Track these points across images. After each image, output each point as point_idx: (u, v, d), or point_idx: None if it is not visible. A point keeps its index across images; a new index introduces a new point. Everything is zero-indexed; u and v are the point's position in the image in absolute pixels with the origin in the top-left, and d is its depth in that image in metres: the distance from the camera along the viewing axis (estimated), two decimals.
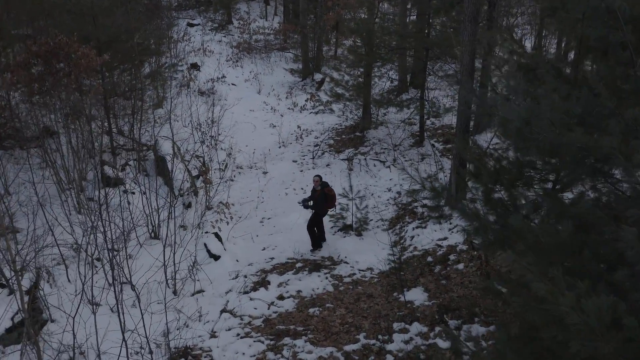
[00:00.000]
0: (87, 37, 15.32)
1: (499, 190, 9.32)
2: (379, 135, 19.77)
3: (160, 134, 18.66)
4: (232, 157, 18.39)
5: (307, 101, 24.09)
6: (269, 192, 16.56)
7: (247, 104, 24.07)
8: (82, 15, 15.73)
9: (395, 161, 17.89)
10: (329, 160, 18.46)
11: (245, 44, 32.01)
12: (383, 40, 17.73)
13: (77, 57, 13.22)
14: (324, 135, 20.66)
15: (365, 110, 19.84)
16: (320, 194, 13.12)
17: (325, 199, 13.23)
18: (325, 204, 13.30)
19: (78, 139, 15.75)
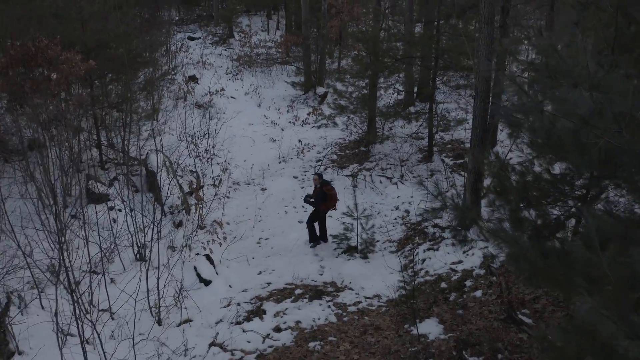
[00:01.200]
0: (74, 42, 14.27)
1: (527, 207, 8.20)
2: (385, 150, 18.62)
3: (153, 147, 17.55)
4: (228, 173, 17.25)
5: (309, 115, 22.99)
6: (267, 210, 15.38)
7: (246, 117, 22.99)
8: (70, 20, 14.70)
9: (403, 177, 16.73)
10: (332, 176, 17.30)
11: (246, 57, 31.04)
12: (390, 48, 16.65)
13: (60, 61, 12.12)
14: (327, 150, 19.53)
15: (371, 123, 18.71)
16: (319, 191, 13.02)
17: (323, 198, 13.03)
18: (323, 202, 13.08)
19: (62, 151, 14.65)
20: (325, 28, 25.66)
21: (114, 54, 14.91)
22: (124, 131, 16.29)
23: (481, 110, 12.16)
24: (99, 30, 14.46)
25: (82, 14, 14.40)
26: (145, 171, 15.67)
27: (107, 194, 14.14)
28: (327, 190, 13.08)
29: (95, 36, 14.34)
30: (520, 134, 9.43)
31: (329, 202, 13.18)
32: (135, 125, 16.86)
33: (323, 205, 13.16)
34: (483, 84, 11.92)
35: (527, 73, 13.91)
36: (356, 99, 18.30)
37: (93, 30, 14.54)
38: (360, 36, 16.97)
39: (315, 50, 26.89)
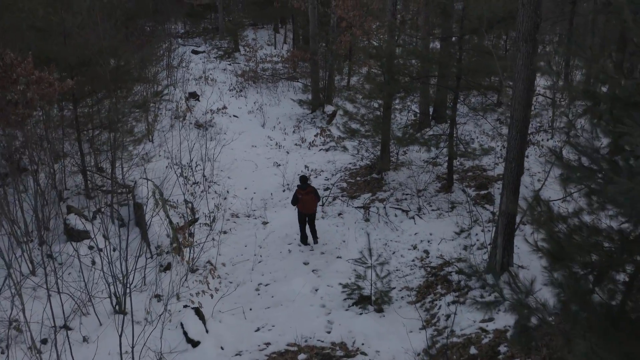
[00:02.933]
0: (55, 58, 12.71)
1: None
2: (400, 178, 16.93)
3: (144, 174, 15.93)
4: (226, 205, 15.58)
5: (317, 136, 21.34)
6: (269, 248, 13.69)
7: (249, 138, 21.36)
8: (51, 33, 13.14)
9: (421, 210, 15.02)
10: (342, 208, 15.60)
11: (251, 72, 29.49)
12: (406, 66, 14.99)
13: (31, 80, 10.53)
14: (336, 176, 17.84)
15: (384, 148, 17.02)
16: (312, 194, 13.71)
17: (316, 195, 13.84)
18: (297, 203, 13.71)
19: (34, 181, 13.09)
20: (335, 43, 24.05)
21: (99, 71, 13.30)
22: (111, 155, 14.69)
23: (517, 141, 10.48)
24: (82, 45, 12.85)
25: (65, 26, 12.82)
26: (133, 202, 14.02)
27: (87, 231, 12.48)
28: (298, 193, 13.57)
29: (78, 51, 12.74)
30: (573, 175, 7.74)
31: (300, 204, 13.64)
32: (123, 149, 15.25)
33: (297, 206, 13.72)
34: (520, 112, 10.25)
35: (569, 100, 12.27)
36: (368, 121, 16.63)
37: (76, 45, 12.95)
38: (374, 52, 15.30)
39: (324, 66, 25.27)
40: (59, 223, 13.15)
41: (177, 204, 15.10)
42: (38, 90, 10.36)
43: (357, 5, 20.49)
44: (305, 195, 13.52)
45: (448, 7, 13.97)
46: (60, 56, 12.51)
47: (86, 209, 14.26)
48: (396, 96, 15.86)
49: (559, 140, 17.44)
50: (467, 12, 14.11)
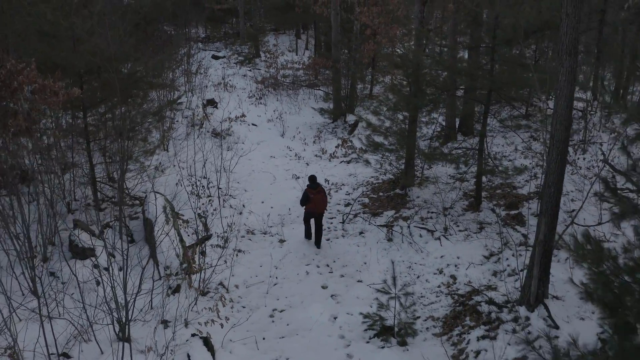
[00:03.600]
0: (63, 65, 12.06)
1: None
2: (425, 195, 16.04)
3: (156, 186, 15.23)
4: (241, 220, 14.80)
5: (338, 148, 20.51)
6: (285, 269, 12.87)
7: (267, 148, 20.61)
8: (59, 38, 12.49)
9: (447, 231, 14.13)
10: (363, 226, 14.75)
11: (271, 79, 28.78)
12: (433, 77, 14.12)
13: (34, 90, 9.85)
14: (357, 191, 17.00)
15: (409, 163, 16.15)
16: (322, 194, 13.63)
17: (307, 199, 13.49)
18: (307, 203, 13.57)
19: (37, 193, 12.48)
20: (358, 51, 23.24)
21: (110, 79, 12.62)
22: (121, 167, 14.01)
23: (557, 164, 9.58)
24: (92, 51, 12.18)
25: (75, 31, 12.16)
26: (143, 217, 13.31)
27: (92, 249, 11.78)
28: (309, 193, 13.41)
29: (87, 58, 12.07)
30: None
31: (311, 204, 13.49)
32: (135, 160, 14.58)
33: (307, 206, 13.58)
34: (562, 132, 9.36)
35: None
36: (393, 134, 15.77)
37: (86, 51, 12.28)
38: (399, 62, 14.43)
39: (346, 74, 24.45)
40: (65, 237, 12.50)
41: (189, 219, 14.37)
42: (41, 100, 9.66)
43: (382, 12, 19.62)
44: (317, 194, 13.43)
45: (479, 16, 13.09)
46: (68, 63, 11.85)
47: (94, 223, 13.62)
48: (423, 110, 14.95)
49: (596, 160, 16.44)
50: (500, 20, 13.23)
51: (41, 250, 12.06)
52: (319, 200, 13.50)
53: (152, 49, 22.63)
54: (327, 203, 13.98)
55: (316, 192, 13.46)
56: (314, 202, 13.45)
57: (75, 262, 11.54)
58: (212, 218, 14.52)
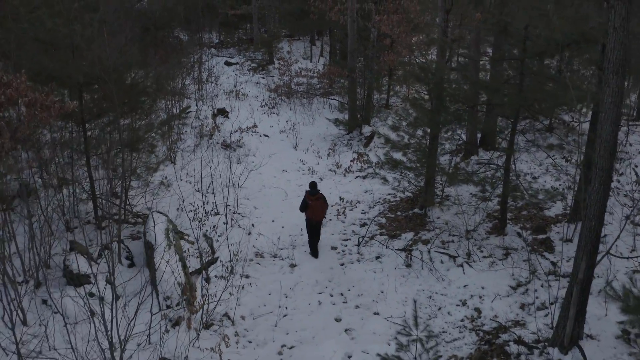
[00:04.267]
0: (59, 76, 11.25)
1: None
2: (445, 215, 15.05)
3: (159, 205, 14.40)
4: (249, 241, 13.87)
5: (354, 162, 19.56)
6: (296, 298, 11.91)
7: (279, 161, 19.70)
8: (57, 47, 11.67)
9: (470, 257, 13.14)
10: (380, 250, 13.78)
11: (284, 87, 27.88)
12: (457, 92, 13.14)
13: (25, 103, 9.01)
14: (374, 210, 16.03)
15: (429, 182, 15.16)
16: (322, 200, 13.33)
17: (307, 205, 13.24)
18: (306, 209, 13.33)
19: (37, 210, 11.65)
20: (376, 61, 22.28)
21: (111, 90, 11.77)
22: (122, 184, 13.17)
23: (600, 195, 8.58)
24: (92, 61, 11.33)
25: (74, 39, 11.32)
26: (144, 240, 12.43)
27: (88, 275, 10.90)
28: (308, 199, 13.19)
29: (85, 68, 11.23)
30: None
31: (309, 211, 13.22)
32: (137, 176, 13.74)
33: (306, 212, 13.33)
34: (606, 160, 8.36)
35: None
36: (413, 151, 14.80)
37: (85, 61, 11.45)
38: (421, 74, 13.45)
39: (362, 83, 23.48)
40: (61, 260, 11.66)
41: (194, 239, 13.49)
42: (29, 116, 8.81)
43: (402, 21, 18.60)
44: (315, 201, 13.17)
45: (509, 26, 12.10)
46: (65, 74, 11.00)
47: (94, 243, 12.78)
48: (447, 127, 13.96)
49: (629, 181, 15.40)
50: (529, 31, 12.22)
51: (34, 274, 11.22)
52: (316, 208, 13.20)
53: (161, 56, 21.78)
54: (325, 211, 13.57)
55: (315, 199, 13.16)
56: (311, 208, 13.17)
57: (69, 290, 10.69)
58: (219, 239, 13.59)
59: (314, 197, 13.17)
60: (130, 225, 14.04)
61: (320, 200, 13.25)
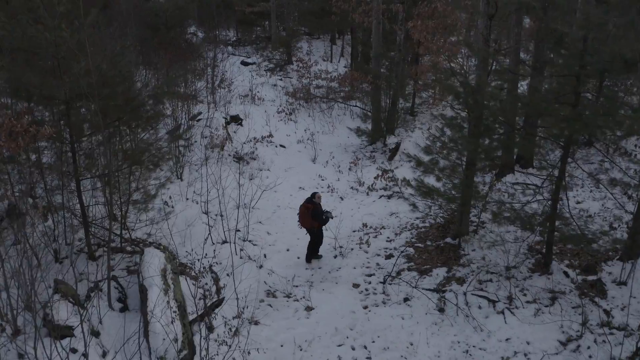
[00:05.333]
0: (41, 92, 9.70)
1: None
2: (481, 246, 13.32)
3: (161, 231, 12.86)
4: (261, 276, 12.26)
5: (378, 179, 17.86)
6: (312, 351, 10.24)
7: (296, 176, 18.09)
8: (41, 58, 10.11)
9: (512, 301, 11.41)
10: (408, 289, 12.09)
11: (303, 90, 26.20)
12: (500, 113, 11.37)
13: None
14: (400, 238, 14.35)
15: (463, 210, 13.42)
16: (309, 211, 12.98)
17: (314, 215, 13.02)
18: None
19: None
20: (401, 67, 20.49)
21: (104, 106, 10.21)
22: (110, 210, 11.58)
23: None
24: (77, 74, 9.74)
25: (58, 50, 9.73)
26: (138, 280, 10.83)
27: (71, 327, 9.35)
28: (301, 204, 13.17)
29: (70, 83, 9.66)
30: None
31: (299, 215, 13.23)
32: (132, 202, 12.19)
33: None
34: None
35: None
36: (447, 175, 13.08)
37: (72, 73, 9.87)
38: (461, 91, 11.69)
39: (387, 90, 21.70)
40: (45, 301, 10.13)
41: (198, 273, 11.92)
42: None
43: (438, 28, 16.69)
44: (302, 206, 13.04)
45: (568, 38, 10.32)
46: (48, 88, 9.45)
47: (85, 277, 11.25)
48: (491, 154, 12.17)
49: None
50: (590, 45, 10.43)
51: (12, 319, 9.71)
52: (300, 214, 13.12)
53: (170, 58, 20.21)
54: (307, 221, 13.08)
55: (304, 205, 13.04)
56: (299, 213, 13.17)
57: (50, 342, 9.15)
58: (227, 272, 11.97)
59: (305, 204, 13.00)
60: (127, 255, 12.50)
61: (304, 208, 13.01)
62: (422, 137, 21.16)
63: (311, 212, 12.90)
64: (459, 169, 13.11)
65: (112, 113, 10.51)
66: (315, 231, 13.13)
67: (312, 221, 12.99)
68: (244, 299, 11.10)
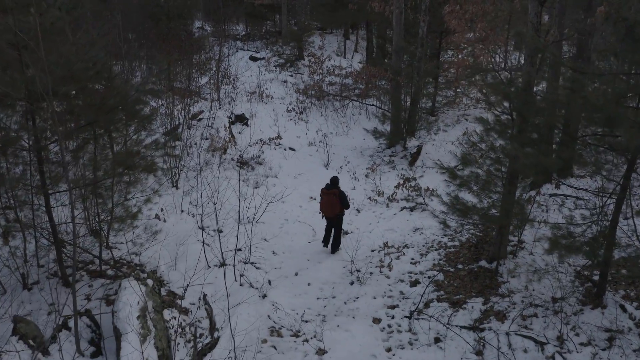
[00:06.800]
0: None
1: None
2: (521, 270, 11.33)
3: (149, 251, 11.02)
4: (264, 309, 10.33)
5: (398, 188, 15.88)
6: None
7: (307, 184, 16.16)
8: None
9: (563, 343, 9.44)
10: (438, 327, 10.12)
11: (315, 87, 24.24)
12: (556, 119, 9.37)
13: None
14: (427, 259, 12.37)
15: (503, 230, 11.43)
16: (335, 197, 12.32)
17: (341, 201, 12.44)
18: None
19: None
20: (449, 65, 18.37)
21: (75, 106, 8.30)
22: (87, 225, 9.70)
23: None
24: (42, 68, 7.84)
25: (18, 37, 7.86)
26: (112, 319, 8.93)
27: None
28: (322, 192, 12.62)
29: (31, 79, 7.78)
30: None
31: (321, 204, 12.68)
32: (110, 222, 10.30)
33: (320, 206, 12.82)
34: None
35: None
36: (481, 188, 11.08)
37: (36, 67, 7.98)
38: (506, 89, 9.68)
39: (408, 88, 19.65)
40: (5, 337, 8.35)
41: (189, 306, 10.04)
42: None
43: (479, 13, 14.45)
44: (326, 195, 12.39)
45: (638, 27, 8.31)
46: (4, 84, 7.57)
47: (55, 310, 9.42)
48: None
49: None
50: None
51: None
52: (327, 203, 12.43)
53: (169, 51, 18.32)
54: (337, 208, 12.44)
55: (327, 193, 12.39)
56: (322, 203, 12.55)
57: None
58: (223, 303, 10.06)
59: (327, 191, 12.38)
60: (108, 280, 10.63)
61: (331, 196, 12.32)
62: (445, 141, 19.23)
63: (340, 198, 12.33)
64: (499, 182, 11.12)
65: (84, 114, 8.58)
66: (340, 217, 12.58)
67: (340, 208, 12.45)
68: (243, 338, 9.18)
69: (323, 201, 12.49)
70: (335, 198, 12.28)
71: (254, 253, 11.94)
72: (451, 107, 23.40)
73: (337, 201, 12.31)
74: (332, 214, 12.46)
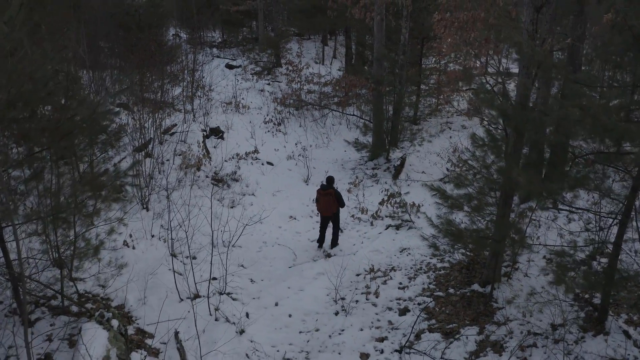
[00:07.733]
0: None
1: None
2: (516, 293, 10.60)
3: (117, 282, 10.12)
4: (242, 346, 9.44)
5: (383, 205, 15.08)
6: None
7: (286, 202, 15.32)
8: None
9: None
10: None
11: (293, 95, 23.39)
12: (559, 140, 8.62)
13: None
14: (416, 283, 11.57)
15: (497, 253, 10.67)
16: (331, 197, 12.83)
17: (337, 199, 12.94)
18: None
19: None
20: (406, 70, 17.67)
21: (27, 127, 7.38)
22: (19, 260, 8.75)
23: None
24: None
25: None
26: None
27: None
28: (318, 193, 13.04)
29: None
30: None
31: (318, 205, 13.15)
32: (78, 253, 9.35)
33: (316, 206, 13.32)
34: None
35: None
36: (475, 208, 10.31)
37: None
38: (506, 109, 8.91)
39: (390, 97, 18.85)
40: None
41: (160, 346, 9.12)
42: None
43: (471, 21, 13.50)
44: (323, 196, 12.85)
45: None
46: None
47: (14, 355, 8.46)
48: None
49: None
50: None
51: None
52: (324, 203, 12.91)
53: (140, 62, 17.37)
54: (335, 207, 13.01)
55: (323, 194, 12.82)
56: (319, 203, 13.05)
57: None
58: (196, 341, 9.14)
59: (323, 192, 12.82)
60: (72, 317, 9.67)
61: (329, 196, 12.80)
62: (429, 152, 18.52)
63: (336, 197, 12.83)
64: (490, 202, 10.37)
65: (36, 139, 7.66)
66: (337, 214, 13.11)
67: (337, 206, 12.95)
68: None
69: (320, 202, 12.94)
70: (332, 198, 12.77)
71: (230, 283, 11.03)
72: (434, 115, 22.71)
73: (334, 200, 12.79)
74: (329, 213, 12.97)
